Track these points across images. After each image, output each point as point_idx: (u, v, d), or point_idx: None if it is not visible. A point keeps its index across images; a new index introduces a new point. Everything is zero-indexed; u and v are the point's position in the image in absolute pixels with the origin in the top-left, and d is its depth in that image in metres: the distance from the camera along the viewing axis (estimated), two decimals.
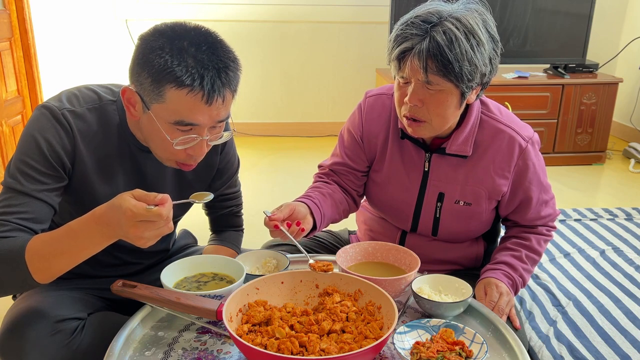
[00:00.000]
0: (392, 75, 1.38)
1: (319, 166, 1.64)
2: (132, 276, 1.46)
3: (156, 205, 0.98)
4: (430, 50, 1.24)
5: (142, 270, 1.48)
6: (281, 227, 1.26)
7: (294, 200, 1.41)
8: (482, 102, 1.45)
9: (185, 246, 1.62)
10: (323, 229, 1.76)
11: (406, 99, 1.32)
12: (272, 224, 1.26)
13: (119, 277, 1.40)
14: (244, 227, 1.61)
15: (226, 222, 1.58)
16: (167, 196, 1.00)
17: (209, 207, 1.56)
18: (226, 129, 1.29)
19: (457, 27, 1.24)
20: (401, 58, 1.29)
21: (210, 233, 1.59)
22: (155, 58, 1.07)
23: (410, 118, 1.34)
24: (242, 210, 1.60)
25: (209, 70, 1.07)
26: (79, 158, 1.20)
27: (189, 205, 1.45)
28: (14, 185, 1.14)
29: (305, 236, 1.36)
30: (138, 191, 1.00)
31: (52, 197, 1.17)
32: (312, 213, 1.38)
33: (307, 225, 1.34)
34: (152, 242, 1.02)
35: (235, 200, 1.56)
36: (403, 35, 1.28)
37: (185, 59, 1.07)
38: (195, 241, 1.70)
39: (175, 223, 1.52)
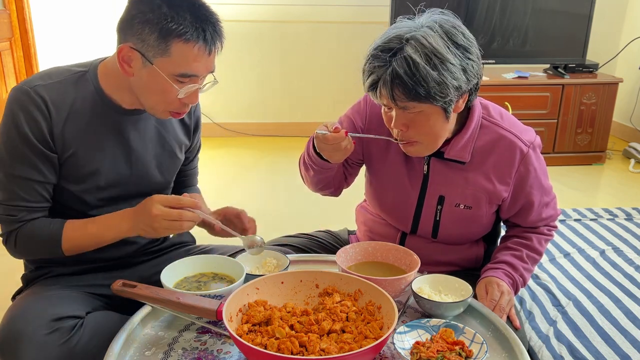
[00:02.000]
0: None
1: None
2: (130, 259, 1.48)
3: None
4: (394, 80, 1.24)
5: (139, 252, 1.49)
6: (350, 135, 1.34)
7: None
8: (484, 106, 1.45)
9: (181, 243, 1.62)
10: (322, 229, 1.78)
11: (392, 124, 1.33)
12: (341, 133, 1.32)
13: (117, 259, 1.44)
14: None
15: (187, 182, 1.64)
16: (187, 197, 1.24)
17: (178, 176, 1.59)
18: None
19: (415, 50, 1.22)
20: (373, 90, 1.30)
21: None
22: (158, 16, 1.17)
23: (403, 141, 1.35)
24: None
25: (207, 25, 1.21)
26: (58, 131, 1.27)
27: (175, 169, 1.51)
28: (11, 172, 1.26)
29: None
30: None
31: (48, 175, 1.29)
32: None
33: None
34: (162, 226, 1.21)
35: (195, 169, 1.67)
36: (368, 70, 1.29)
37: (184, 15, 1.18)
38: (194, 240, 1.70)
39: (166, 188, 1.53)
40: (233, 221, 1.43)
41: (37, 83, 1.26)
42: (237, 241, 1.53)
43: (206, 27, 1.20)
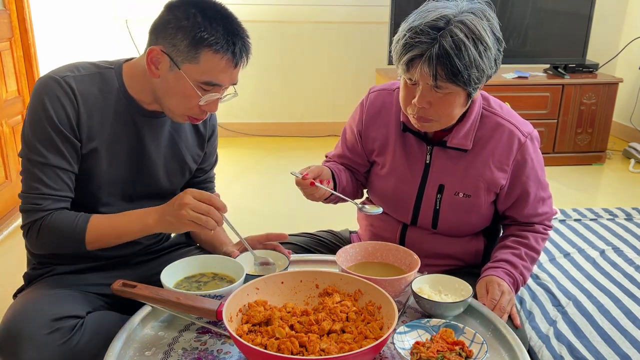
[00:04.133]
0: (397, 74, 1.39)
1: (326, 156, 1.70)
2: (130, 258, 1.48)
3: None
4: (440, 58, 1.25)
5: (140, 252, 1.49)
6: (317, 184, 1.36)
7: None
8: (484, 98, 1.49)
9: (182, 244, 1.62)
10: (324, 229, 1.78)
11: (414, 100, 1.33)
12: (307, 182, 1.35)
13: (118, 258, 1.44)
14: None
15: None
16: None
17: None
18: None
19: (465, 34, 1.25)
20: (410, 64, 1.31)
21: None
22: (192, 24, 1.21)
23: (418, 117, 1.37)
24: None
25: (237, 38, 1.25)
26: (83, 121, 1.28)
27: (183, 175, 1.50)
28: (37, 159, 1.26)
29: (326, 198, 1.47)
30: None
31: (73, 164, 1.30)
32: (333, 177, 1.49)
33: (331, 183, 1.45)
34: (189, 217, 1.19)
35: (212, 184, 1.65)
36: (411, 43, 1.29)
37: (217, 27, 1.22)
38: (194, 240, 1.70)
39: (173, 194, 1.52)
40: (257, 247, 1.45)
41: (66, 74, 1.29)
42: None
43: (236, 41, 1.24)
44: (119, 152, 1.35)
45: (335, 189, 1.50)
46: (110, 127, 1.32)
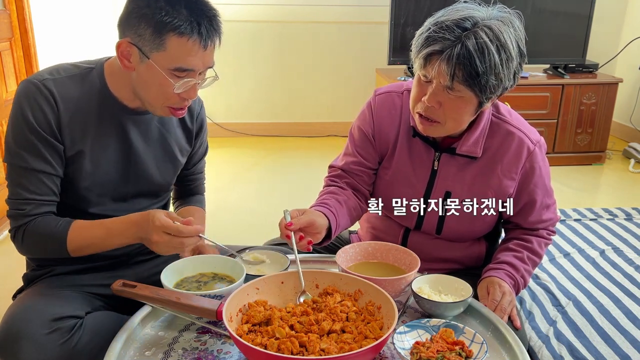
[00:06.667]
0: (413, 70, 1.36)
1: (330, 167, 1.62)
2: (130, 258, 1.48)
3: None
4: (461, 58, 1.23)
5: (139, 251, 1.49)
6: (292, 240, 1.24)
7: (314, 207, 1.39)
8: (493, 104, 1.46)
9: None
10: None
11: (424, 98, 1.32)
12: (286, 232, 1.25)
13: (117, 257, 1.45)
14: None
15: (194, 190, 1.66)
16: (191, 221, 1.22)
17: (182, 180, 1.61)
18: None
19: (490, 39, 1.23)
20: (428, 59, 1.28)
21: (174, 201, 1.66)
22: (153, 10, 1.18)
23: (424, 117, 1.35)
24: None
25: (202, 19, 1.21)
26: (65, 124, 1.27)
27: (175, 171, 1.51)
28: (19, 164, 1.26)
29: (314, 246, 1.34)
30: (169, 213, 1.23)
31: (57, 167, 1.29)
32: (329, 226, 1.36)
33: (319, 237, 1.32)
34: (163, 252, 1.22)
35: (201, 175, 1.66)
36: (434, 37, 1.26)
37: (179, 10, 1.18)
38: None
39: (166, 190, 1.54)
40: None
41: (46, 77, 1.27)
42: (237, 242, 1.53)
43: (201, 21, 1.20)
44: (107, 153, 1.34)
45: (330, 235, 1.37)
46: (95, 128, 1.31)
